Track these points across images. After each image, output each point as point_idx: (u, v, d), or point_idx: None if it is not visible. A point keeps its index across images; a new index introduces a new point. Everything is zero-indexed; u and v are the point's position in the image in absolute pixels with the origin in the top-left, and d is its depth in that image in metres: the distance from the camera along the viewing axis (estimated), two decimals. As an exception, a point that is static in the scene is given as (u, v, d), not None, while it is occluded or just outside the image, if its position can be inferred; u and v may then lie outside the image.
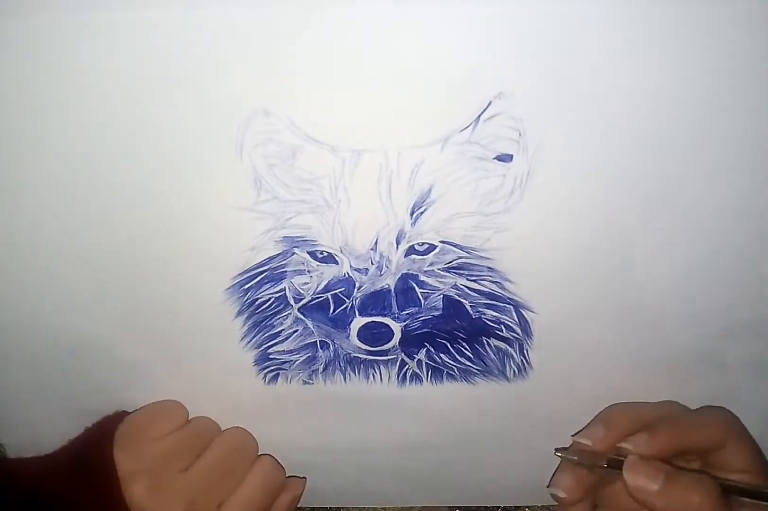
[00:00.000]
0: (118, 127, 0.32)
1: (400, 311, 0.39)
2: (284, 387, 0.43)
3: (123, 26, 0.29)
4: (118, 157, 0.33)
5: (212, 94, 0.31)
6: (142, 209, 0.35)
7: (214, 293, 0.38)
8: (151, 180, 0.34)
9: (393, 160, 0.33)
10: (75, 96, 0.31)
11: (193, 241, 0.36)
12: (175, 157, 0.33)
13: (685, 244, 0.35)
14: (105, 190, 0.34)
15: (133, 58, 0.30)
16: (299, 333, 0.40)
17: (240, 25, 0.29)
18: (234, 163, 0.33)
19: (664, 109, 0.31)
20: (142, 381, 0.42)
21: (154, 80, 0.30)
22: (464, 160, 0.33)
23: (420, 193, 0.34)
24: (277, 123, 0.31)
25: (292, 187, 0.34)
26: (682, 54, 0.30)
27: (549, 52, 0.30)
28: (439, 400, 0.43)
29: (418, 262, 0.37)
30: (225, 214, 0.35)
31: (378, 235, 0.36)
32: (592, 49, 0.30)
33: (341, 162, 0.33)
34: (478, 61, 0.30)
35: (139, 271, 0.37)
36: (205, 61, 0.30)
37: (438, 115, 0.32)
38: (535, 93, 0.31)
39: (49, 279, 0.38)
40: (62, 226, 0.36)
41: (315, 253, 0.37)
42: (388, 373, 0.42)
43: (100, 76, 0.30)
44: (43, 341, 0.41)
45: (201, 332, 0.40)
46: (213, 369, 0.42)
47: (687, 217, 0.35)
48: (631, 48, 0.30)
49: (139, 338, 0.40)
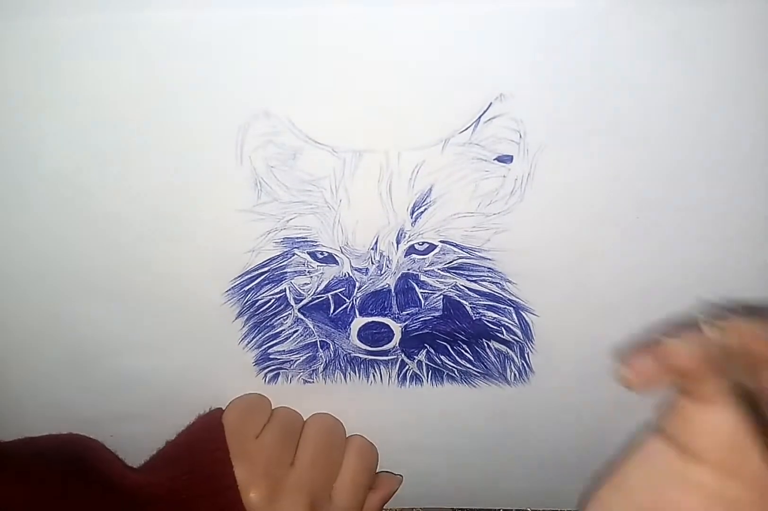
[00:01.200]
0: (117, 129, 0.32)
1: (401, 311, 0.39)
2: (284, 387, 0.43)
3: (122, 28, 0.29)
4: (117, 159, 0.33)
5: (212, 96, 0.31)
6: (142, 212, 0.35)
7: (214, 295, 0.38)
8: (151, 182, 0.34)
9: (393, 160, 0.33)
10: (74, 99, 0.31)
11: (194, 244, 0.36)
12: (175, 160, 0.33)
13: (687, 244, 0.35)
14: (105, 192, 0.34)
15: (132, 60, 0.30)
16: (299, 333, 0.40)
17: (240, 27, 0.29)
18: (234, 165, 0.33)
19: (665, 109, 0.31)
20: (142, 385, 0.42)
21: (153, 82, 0.30)
22: (465, 161, 0.33)
23: (420, 193, 0.34)
24: (278, 125, 0.31)
25: (292, 189, 0.34)
26: (684, 54, 0.30)
27: (550, 54, 0.29)
28: (439, 401, 0.43)
29: (419, 261, 0.37)
30: (225, 216, 0.35)
31: (378, 234, 0.36)
32: (593, 51, 0.29)
33: (342, 163, 0.33)
34: (479, 62, 0.30)
35: (139, 274, 0.37)
36: (205, 63, 0.30)
37: (439, 116, 0.32)
38: (535, 94, 0.31)
39: (48, 282, 0.38)
40: (62, 228, 0.36)
41: (315, 253, 0.37)
42: (389, 373, 0.42)
43: (99, 79, 0.30)
44: (42, 345, 0.41)
45: (201, 334, 0.40)
46: (213, 370, 0.42)
47: (688, 217, 0.35)
48: (632, 48, 0.29)
49: (139, 341, 0.40)
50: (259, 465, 0.39)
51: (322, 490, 0.40)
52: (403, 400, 0.43)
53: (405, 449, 0.45)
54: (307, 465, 0.40)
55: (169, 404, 0.43)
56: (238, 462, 0.38)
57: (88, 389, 0.42)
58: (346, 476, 0.42)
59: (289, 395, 0.43)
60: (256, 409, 0.42)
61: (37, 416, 0.43)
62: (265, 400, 0.43)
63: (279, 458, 0.40)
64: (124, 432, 0.44)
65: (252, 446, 0.40)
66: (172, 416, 0.42)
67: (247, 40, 0.29)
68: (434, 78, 0.30)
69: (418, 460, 0.46)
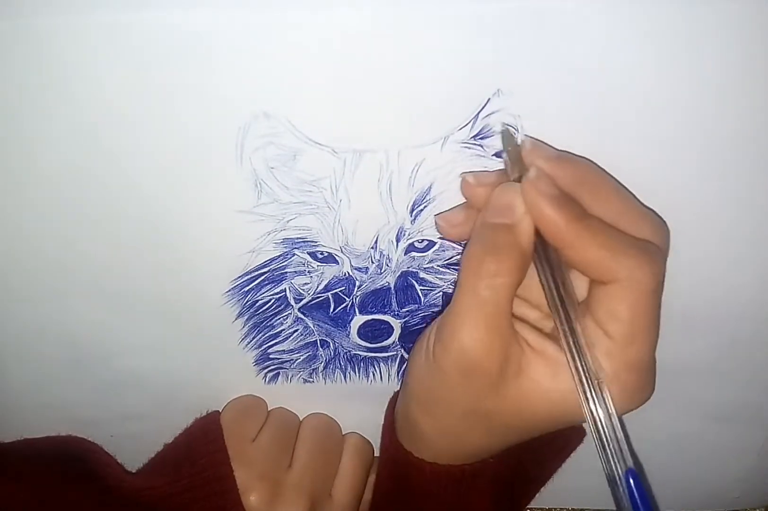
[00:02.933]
0: (117, 130, 0.32)
1: (400, 308, 0.39)
2: (284, 386, 0.43)
3: (121, 28, 0.28)
4: (117, 160, 0.33)
5: (212, 97, 0.30)
6: (142, 213, 0.35)
7: (214, 295, 0.38)
8: (151, 184, 0.34)
9: (393, 159, 0.33)
10: (74, 99, 0.31)
11: (194, 245, 0.36)
12: (175, 161, 0.33)
13: (688, 244, 0.35)
14: (105, 193, 0.34)
15: (132, 61, 0.29)
16: (299, 332, 0.40)
17: (240, 28, 0.28)
18: (234, 166, 0.33)
19: (664, 106, 0.31)
20: (141, 385, 0.42)
21: (153, 83, 0.30)
22: (464, 158, 0.33)
23: (420, 191, 0.34)
24: (278, 126, 0.31)
25: (292, 190, 0.34)
26: (683, 51, 0.29)
27: (547, 49, 0.29)
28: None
29: (418, 259, 0.37)
30: (225, 217, 0.35)
31: (378, 233, 0.36)
32: (590, 46, 0.29)
33: (342, 163, 0.33)
34: (476, 58, 0.30)
35: (139, 274, 0.37)
36: (205, 64, 0.29)
37: (437, 113, 0.32)
38: (533, 90, 0.31)
39: (48, 284, 0.38)
40: (60, 229, 0.35)
41: (315, 253, 0.37)
42: (389, 370, 0.42)
43: (98, 80, 0.30)
44: (42, 347, 0.40)
45: (201, 335, 0.40)
46: (213, 370, 0.42)
47: (688, 216, 0.35)
48: (631, 45, 0.29)
49: (139, 341, 0.40)
50: (257, 468, 0.39)
51: (321, 490, 0.41)
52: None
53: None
54: (305, 467, 0.40)
55: (169, 404, 0.43)
56: (237, 465, 0.38)
57: (88, 389, 0.42)
58: (346, 475, 0.42)
59: (289, 395, 0.43)
60: (253, 411, 0.42)
61: (37, 416, 0.43)
62: (261, 401, 0.43)
63: (277, 460, 0.40)
64: (124, 432, 0.44)
65: (250, 448, 0.40)
66: (172, 416, 0.42)
67: (247, 41, 0.29)
68: (432, 75, 0.30)
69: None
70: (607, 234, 0.28)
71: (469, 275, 0.29)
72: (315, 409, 0.44)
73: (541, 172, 0.29)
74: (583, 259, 0.28)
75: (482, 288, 0.29)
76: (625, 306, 0.28)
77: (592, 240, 0.28)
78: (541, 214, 0.28)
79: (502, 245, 0.29)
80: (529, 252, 0.29)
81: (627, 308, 0.28)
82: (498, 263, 0.29)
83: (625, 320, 0.28)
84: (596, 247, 0.28)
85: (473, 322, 0.29)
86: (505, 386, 0.30)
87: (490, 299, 0.29)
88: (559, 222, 0.28)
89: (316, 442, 0.42)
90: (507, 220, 0.29)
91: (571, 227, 0.28)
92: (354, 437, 0.44)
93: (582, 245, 0.28)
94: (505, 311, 0.29)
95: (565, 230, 0.28)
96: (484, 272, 0.29)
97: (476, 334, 0.29)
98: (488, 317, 0.29)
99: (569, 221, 0.28)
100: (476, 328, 0.29)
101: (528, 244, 0.29)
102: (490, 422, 0.31)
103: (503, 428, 0.32)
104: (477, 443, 0.34)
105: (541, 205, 0.28)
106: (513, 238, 0.29)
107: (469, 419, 0.32)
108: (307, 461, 0.41)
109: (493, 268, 0.29)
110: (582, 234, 0.28)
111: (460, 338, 0.29)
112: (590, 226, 0.28)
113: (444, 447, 0.34)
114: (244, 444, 0.40)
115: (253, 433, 0.41)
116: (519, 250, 0.29)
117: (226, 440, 0.39)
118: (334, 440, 0.43)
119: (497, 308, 0.29)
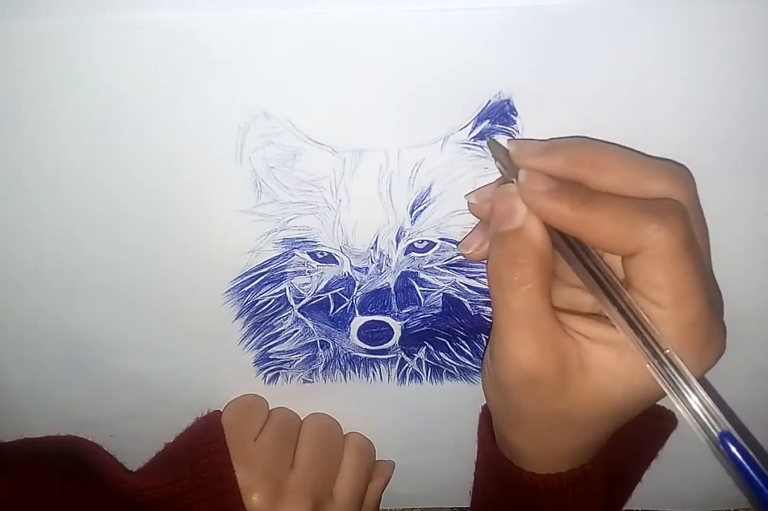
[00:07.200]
0: (118, 130, 0.32)
1: (400, 309, 0.39)
2: (284, 387, 0.43)
3: (121, 28, 0.28)
4: (117, 160, 0.33)
5: (212, 97, 0.30)
6: (142, 213, 0.35)
7: (214, 295, 0.38)
8: (151, 183, 0.34)
9: (393, 159, 0.33)
10: (74, 100, 0.31)
11: (194, 245, 0.36)
12: (175, 161, 0.33)
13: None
14: (105, 193, 0.34)
15: (132, 61, 0.29)
16: (299, 333, 0.40)
17: (239, 28, 0.28)
18: (234, 166, 0.33)
19: (666, 108, 0.31)
20: (141, 385, 0.42)
21: (153, 83, 0.30)
22: (464, 159, 0.33)
23: (420, 191, 0.34)
24: (278, 126, 0.31)
25: (292, 189, 0.34)
26: (685, 52, 0.29)
27: (548, 51, 0.29)
28: (439, 399, 0.43)
29: (418, 259, 0.37)
30: (225, 217, 0.35)
31: (378, 233, 0.36)
32: (591, 48, 0.29)
33: (342, 163, 0.33)
34: (477, 60, 0.30)
35: (139, 274, 0.37)
36: (205, 63, 0.29)
37: (438, 114, 0.32)
38: (533, 92, 0.31)
39: (47, 283, 0.38)
40: (61, 229, 0.36)
41: (315, 253, 0.37)
42: (388, 371, 0.42)
43: (99, 80, 0.30)
44: (41, 347, 0.40)
45: (201, 335, 0.40)
46: (213, 370, 0.42)
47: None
48: (632, 47, 0.29)
49: (139, 341, 0.40)
50: (259, 467, 0.39)
51: (323, 490, 0.41)
52: (403, 398, 0.43)
53: (405, 447, 0.46)
54: (306, 467, 0.40)
55: (169, 404, 0.43)
56: (238, 465, 0.38)
57: (88, 389, 0.42)
58: (347, 474, 0.42)
59: (289, 395, 0.43)
60: (254, 410, 0.42)
61: (37, 416, 0.43)
62: (262, 401, 0.43)
63: (279, 460, 0.40)
64: (124, 432, 0.44)
65: (251, 448, 0.40)
66: (172, 416, 0.42)
67: (246, 40, 0.29)
68: (433, 76, 0.30)
69: (418, 459, 0.46)
70: (617, 208, 0.28)
71: (496, 289, 0.30)
72: (315, 409, 0.44)
73: (530, 172, 0.29)
74: (601, 238, 0.28)
75: (512, 300, 0.29)
76: (660, 273, 0.27)
77: (603, 218, 0.27)
78: (543, 210, 0.28)
79: (516, 252, 0.29)
80: (545, 250, 0.29)
81: (662, 274, 0.27)
82: (517, 271, 0.29)
83: (665, 285, 0.28)
84: (610, 224, 0.27)
85: (516, 335, 0.29)
86: (573, 382, 0.30)
87: (524, 308, 0.29)
88: (562, 212, 0.28)
89: (318, 442, 0.42)
90: (513, 225, 0.29)
91: (576, 213, 0.28)
92: (355, 436, 0.44)
93: (595, 227, 0.28)
94: (543, 314, 0.29)
95: (572, 218, 0.28)
96: (506, 284, 0.29)
97: (522, 345, 0.29)
98: (528, 325, 0.29)
99: (573, 208, 0.28)
100: (521, 340, 0.29)
101: (541, 243, 0.29)
102: (570, 419, 0.31)
103: (585, 422, 0.32)
104: (567, 444, 0.34)
105: (539, 202, 0.28)
106: (524, 241, 0.29)
107: (551, 422, 0.32)
108: (308, 460, 0.41)
109: (515, 278, 0.29)
110: (591, 216, 0.27)
111: (510, 353, 0.30)
112: (597, 206, 0.28)
113: (538, 455, 0.35)
114: (246, 444, 0.40)
115: (254, 433, 0.41)
116: (534, 251, 0.29)
117: (227, 440, 0.39)
118: (336, 440, 0.43)
119: (534, 314, 0.29)
